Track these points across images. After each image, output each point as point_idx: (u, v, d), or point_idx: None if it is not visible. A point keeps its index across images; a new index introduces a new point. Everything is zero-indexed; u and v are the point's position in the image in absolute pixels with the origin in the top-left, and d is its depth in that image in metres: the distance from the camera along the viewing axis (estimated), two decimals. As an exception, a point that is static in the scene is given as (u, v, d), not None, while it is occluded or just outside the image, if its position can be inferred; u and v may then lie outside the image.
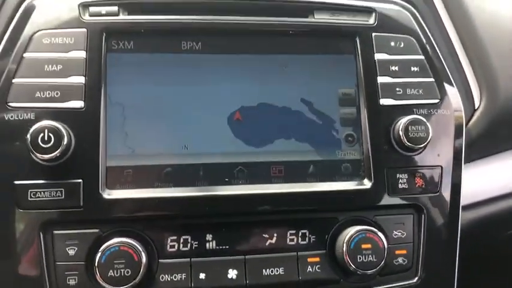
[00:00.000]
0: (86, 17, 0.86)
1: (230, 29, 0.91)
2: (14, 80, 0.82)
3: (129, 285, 0.76)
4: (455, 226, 0.92)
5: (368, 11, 0.95)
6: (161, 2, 0.90)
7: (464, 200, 0.96)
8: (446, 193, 0.91)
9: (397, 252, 0.88)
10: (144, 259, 0.78)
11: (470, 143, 0.99)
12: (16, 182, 0.79)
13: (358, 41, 0.93)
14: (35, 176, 0.80)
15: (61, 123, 0.80)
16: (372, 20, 0.95)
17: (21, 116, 0.81)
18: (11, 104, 0.81)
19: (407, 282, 0.89)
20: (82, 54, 0.84)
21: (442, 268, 0.91)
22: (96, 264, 0.77)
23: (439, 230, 0.91)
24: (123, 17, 0.88)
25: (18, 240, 0.79)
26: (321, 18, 0.93)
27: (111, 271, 0.76)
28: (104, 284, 0.76)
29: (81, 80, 0.83)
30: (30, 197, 0.79)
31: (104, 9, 0.87)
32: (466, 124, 1.00)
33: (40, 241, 0.79)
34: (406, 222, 0.90)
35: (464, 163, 0.96)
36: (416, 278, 0.89)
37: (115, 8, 0.88)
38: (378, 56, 0.93)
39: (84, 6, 0.87)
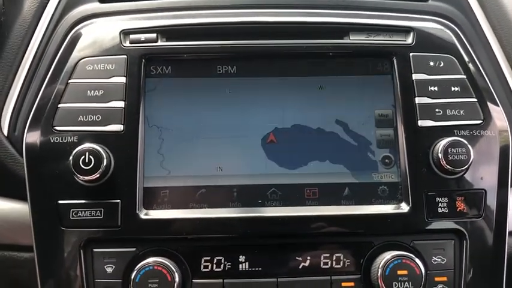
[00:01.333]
0: (127, 44, 0.90)
1: (264, 53, 0.92)
2: (60, 105, 0.87)
3: None
4: (501, 253, 0.87)
5: (406, 30, 0.93)
6: (197, 28, 0.93)
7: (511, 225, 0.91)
8: (490, 218, 0.87)
9: (436, 279, 0.84)
10: (177, 279, 0.79)
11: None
12: (60, 202, 0.84)
13: (395, 61, 0.91)
14: (77, 196, 0.84)
15: (101, 145, 0.84)
16: (409, 40, 0.93)
17: (65, 139, 0.86)
18: (56, 127, 0.86)
19: (448, 313, 0.85)
20: (122, 79, 0.88)
21: None
22: (131, 283, 0.79)
23: (483, 257, 0.86)
24: (162, 43, 0.91)
25: (60, 257, 0.83)
26: (356, 39, 0.93)
27: (145, 290, 0.78)
28: None
29: (121, 104, 0.87)
30: (72, 216, 0.83)
31: (143, 36, 0.91)
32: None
33: (81, 258, 0.83)
34: (446, 248, 0.86)
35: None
36: (460, 309, 0.85)
37: (154, 35, 0.91)
38: (416, 77, 0.91)
39: (125, 34, 0.91)
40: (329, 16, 0.95)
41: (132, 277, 0.79)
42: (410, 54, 0.92)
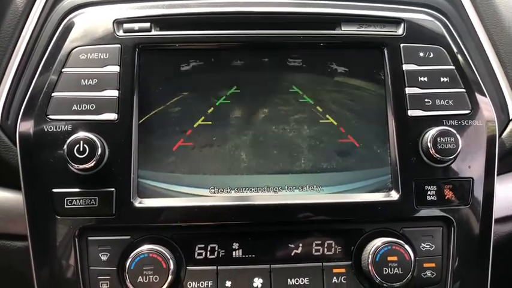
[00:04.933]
0: (120, 33, 0.90)
1: (256, 43, 0.93)
2: (53, 94, 0.87)
3: None
4: (488, 239, 0.90)
5: (396, 21, 0.95)
6: (190, 17, 0.93)
7: (498, 212, 0.94)
8: (477, 205, 0.89)
9: (425, 265, 0.86)
10: (172, 266, 0.80)
11: (504, 154, 0.96)
12: (54, 190, 0.84)
13: (386, 51, 0.93)
14: (71, 185, 0.84)
15: (96, 134, 0.84)
16: (400, 31, 0.94)
17: (59, 128, 0.86)
18: (50, 116, 0.86)
19: (435, 296, 0.87)
20: (116, 68, 0.89)
21: (473, 283, 0.89)
22: (126, 270, 0.80)
23: (470, 243, 0.89)
24: (155, 33, 0.91)
25: (55, 245, 0.84)
26: (348, 30, 0.94)
27: (140, 277, 0.79)
28: None
29: (115, 93, 0.88)
30: (67, 204, 0.84)
31: (137, 26, 0.91)
32: (500, 135, 0.97)
33: (75, 246, 0.84)
34: (435, 235, 0.88)
35: (499, 175, 0.94)
36: (447, 293, 0.87)
37: (147, 25, 0.91)
38: (406, 67, 0.92)
39: (119, 23, 0.91)
40: (322, 7, 0.96)
41: (127, 265, 0.80)
42: (401, 45, 0.93)
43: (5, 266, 0.95)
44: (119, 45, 0.90)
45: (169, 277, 0.80)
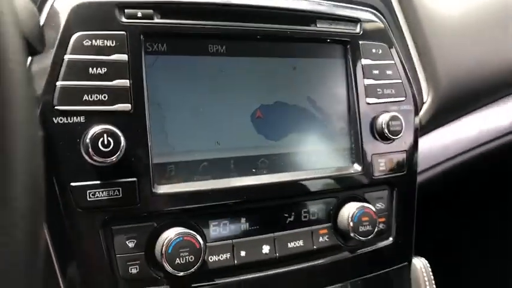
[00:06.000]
0: (124, 20, 0.88)
1: (249, 34, 1.01)
2: (58, 83, 0.83)
3: (194, 268, 0.87)
4: (413, 193, 1.20)
5: (355, 21, 1.13)
6: (190, 6, 0.95)
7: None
8: (409, 171, 1.17)
9: (380, 220, 1.12)
10: (203, 245, 0.89)
11: (421, 128, 1.27)
12: (73, 184, 0.83)
13: (349, 47, 1.11)
14: (92, 178, 0.84)
15: (113, 126, 0.84)
16: (358, 29, 1.13)
17: (70, 119, 0.83)
18: (58, 107, 0.82)
19: (384, 242, 1.15)
20: (125, 57, 0.87)
21: (405, 226, 1.18)
22: (164, 256, 0.86)
23: (404, 200, 1.17)
24: (158, 20, 0.92)
25: (79, 238, 0.84)
26: (322, 26, 1.08)
27: (178, 259, 0.86)
28: (173, 271, 0.86)
29: (126, 82, 0.87)
30: (90, 197, 0.83)
31: (139, 12, 0.90)
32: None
33: (101, 237, 0.85)
34: (384, 197, 1.14)
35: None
36: (391, 238, 1.16)
37: (150, 11, 0.91)
38: (364, 62, 1.12)
39: (120, 8, 0.88)
40: (302, 5, 1.07)
41: (163, 250, 0.86)
42: (360, 42, 1.12)
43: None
44: (125, 32, 0.88)
45: (202, 255, 0.88)
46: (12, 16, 0.58)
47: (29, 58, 0.83)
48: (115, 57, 0.87)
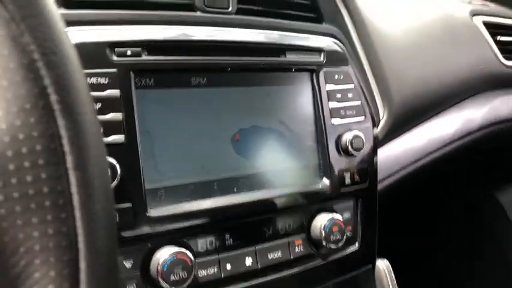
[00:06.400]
0: (115, 58, 0.96)
1: (227, 66, 1.11)
2: None
3: (186, 283, 0.96)
4: (375, 202, 1.34)
5: (319, 50, 1.25)
6: (177, 43, 1.04)
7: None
8: (370, 182, 1.31)
9: (347, 228, 1.24)
10: (194, 262, 0.98)
11: (378, 142, 1.41)
12: None
13: (314, 75, 1.23)
14: None
15: (109, 156, 0.92)
16: (321, 58, 1.25)
17: None
18: None
19: (351, 248, 1.28)
20: (117, 92, 0.95)
21: (369, 232, 1.32)
22: (160, 274, 0.94)
23: (367, 208, 1.31)
24: (146, 57, 1.00)
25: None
26: (291, 57, 1.20)
27: (172, 276, 0.95)
28: (168, 287, 0.94)
29: (119, 116, 0.95)
30: None
31: (129, 50, 0.98)
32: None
33: None
34: (350, 207, 1.28)
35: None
36: (357, 244, 1.29)
37: (138, 49, 0.99)
38: (328, 87, 1.25)
39: (111, 48, 0.96)
40: (272, 38, 1.19)
41: (159, 268, 0.94)
42: (324, 69, 1.25)
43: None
44: (116, 70, 0.96)
45: (193, 270, 0.97)
46: None
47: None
48: (108, 92, 0.95)
